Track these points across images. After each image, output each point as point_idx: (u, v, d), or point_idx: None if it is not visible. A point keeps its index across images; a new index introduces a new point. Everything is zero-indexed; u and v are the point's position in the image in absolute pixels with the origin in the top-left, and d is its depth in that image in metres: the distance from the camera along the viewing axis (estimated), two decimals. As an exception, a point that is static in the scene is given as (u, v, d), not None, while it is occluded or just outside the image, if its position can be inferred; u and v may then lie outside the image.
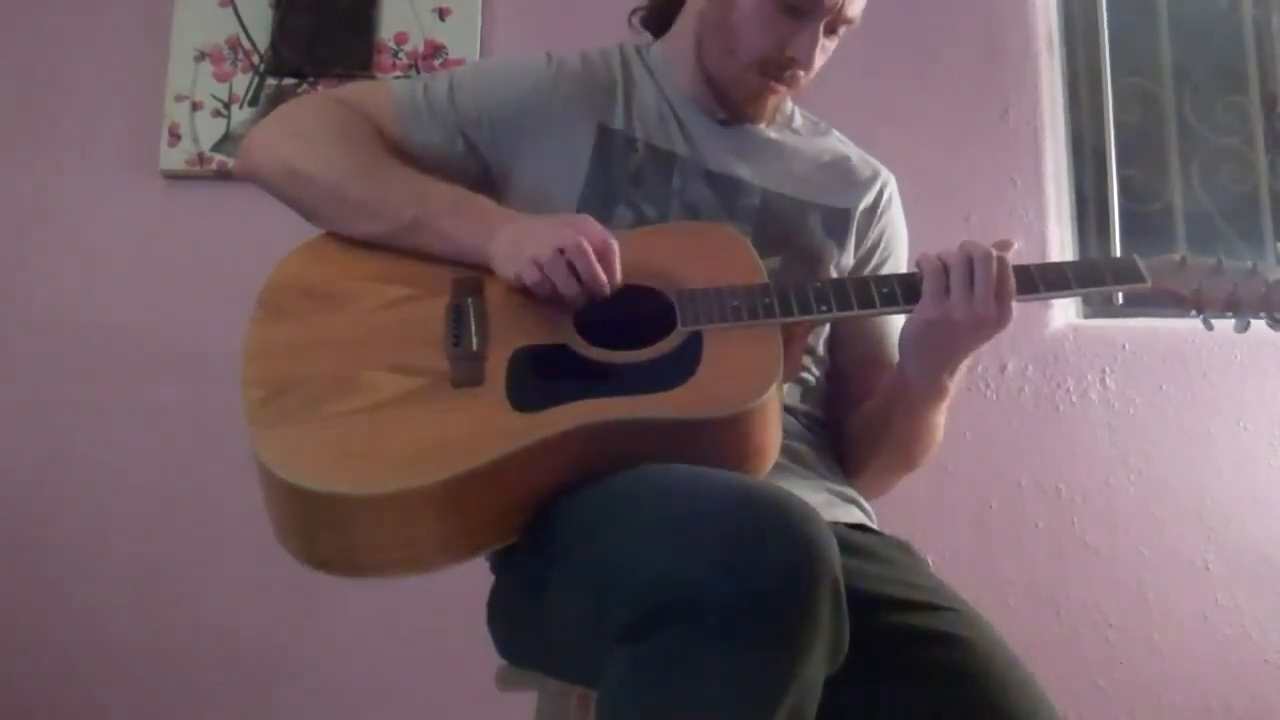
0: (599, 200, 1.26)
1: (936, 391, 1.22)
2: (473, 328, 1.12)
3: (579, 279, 1.11)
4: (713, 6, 1.31)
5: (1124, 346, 2.20)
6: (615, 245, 1.13)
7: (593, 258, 1.11)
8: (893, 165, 1.44)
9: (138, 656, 2.13)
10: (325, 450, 1.03)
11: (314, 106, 1.33)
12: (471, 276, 1.17)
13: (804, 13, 1.25)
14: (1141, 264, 1.18)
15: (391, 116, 1.30)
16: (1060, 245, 2.27)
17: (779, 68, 1.28)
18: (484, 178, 1.31)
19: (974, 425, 2.16)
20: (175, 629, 2.14)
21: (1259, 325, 1.18)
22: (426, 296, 1.17)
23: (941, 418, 1.27)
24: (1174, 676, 2.08)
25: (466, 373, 1.09)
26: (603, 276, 1.11)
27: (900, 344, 1.21)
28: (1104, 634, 2.11)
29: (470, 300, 1.15)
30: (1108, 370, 2.19)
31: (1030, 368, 2.20)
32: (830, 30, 1.28)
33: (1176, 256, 1.19)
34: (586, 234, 1.13)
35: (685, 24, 1.36)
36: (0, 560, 2.17)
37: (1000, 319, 1.13)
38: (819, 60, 1.29)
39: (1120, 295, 1.20)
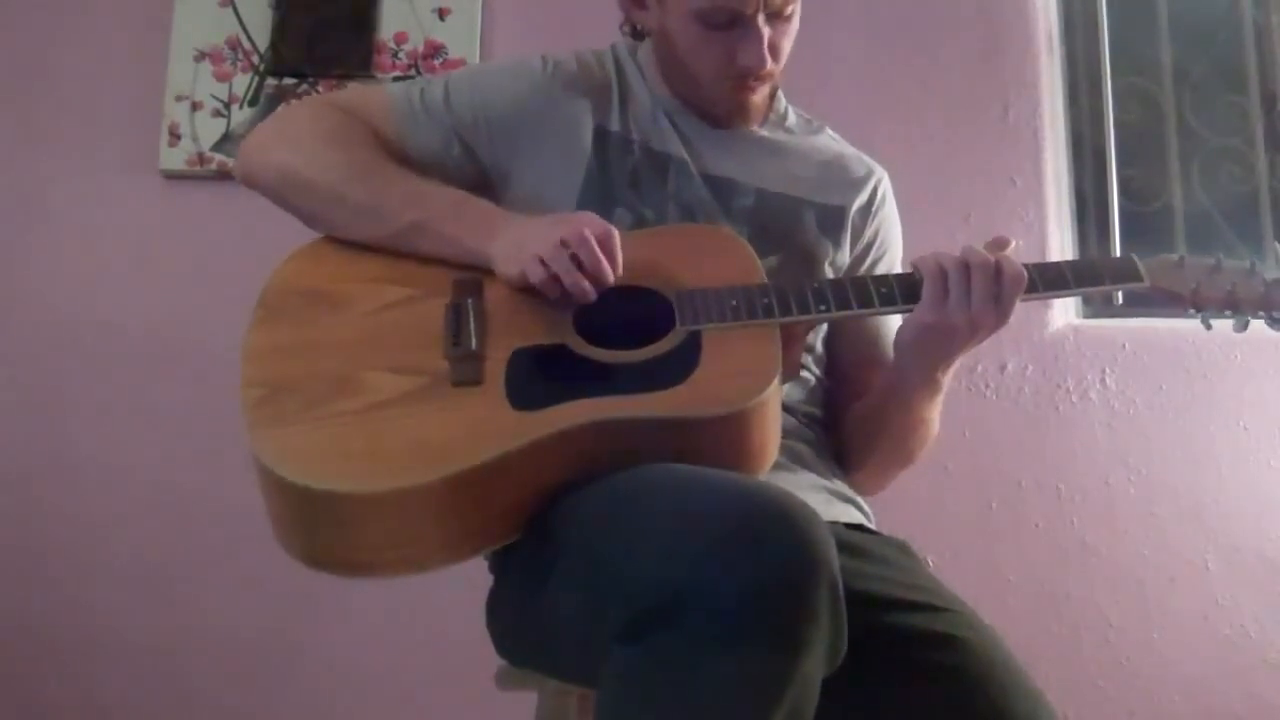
0: (597, 203, 1.26)
1: (931, 386, 1.22)
2: (472, 327, 1.12)
3: (583, 270, 1.11)
4: (658, 45, 1.33)
5: (1124, 346, 2.19)
6: (616, 233, 1.14)
7: (595, 247, 1.12)
8: (892, 164, 1.44)
9: (138, 656, 2.13)
10: (324, 449, 1.03)
11: (311, 111, 1.34)
12: (471, 277, 1.18)
13: (731, 23, 1.23)
14: (1140, 263, 1.18)
15: (388, 120, 1.30)
16: (1060, 245, 2.27)
17: (742, 76, 1.28)
18: (481, 180, 1.31)
19: (974, 425, 2.16)
20: (175, 629, 2.14)
21: (1258, 325, 1.18)
22: (426, 297, 1.17)
23: (936, 411, 1.27)
24: (1174, 676, 2.08)
25: (465, 372, 1.09)
26: (606, 265, 1.12)
27: (896, 344, 1.21)
28: (1104, 634, 2.11)
29: (470, 300, 1.15)
30: (1107, 370, 2.19)
31: (1030, 368, 2.20)
32: (774, 16, 1.25)
33: (1175, 256, 1.19)
34: (587, 225, 1.13)
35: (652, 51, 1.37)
36: (0, 560, 2.17)
37: (998, 323, 1.14)
38: (785, 45, 1.28)
39: (1120, 295, 1.20)
